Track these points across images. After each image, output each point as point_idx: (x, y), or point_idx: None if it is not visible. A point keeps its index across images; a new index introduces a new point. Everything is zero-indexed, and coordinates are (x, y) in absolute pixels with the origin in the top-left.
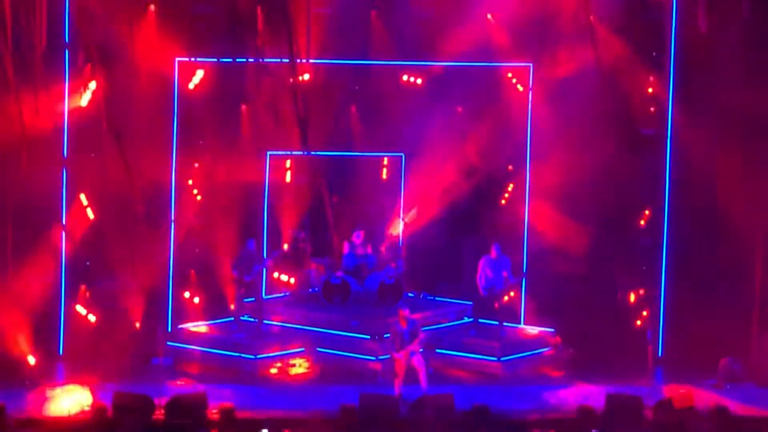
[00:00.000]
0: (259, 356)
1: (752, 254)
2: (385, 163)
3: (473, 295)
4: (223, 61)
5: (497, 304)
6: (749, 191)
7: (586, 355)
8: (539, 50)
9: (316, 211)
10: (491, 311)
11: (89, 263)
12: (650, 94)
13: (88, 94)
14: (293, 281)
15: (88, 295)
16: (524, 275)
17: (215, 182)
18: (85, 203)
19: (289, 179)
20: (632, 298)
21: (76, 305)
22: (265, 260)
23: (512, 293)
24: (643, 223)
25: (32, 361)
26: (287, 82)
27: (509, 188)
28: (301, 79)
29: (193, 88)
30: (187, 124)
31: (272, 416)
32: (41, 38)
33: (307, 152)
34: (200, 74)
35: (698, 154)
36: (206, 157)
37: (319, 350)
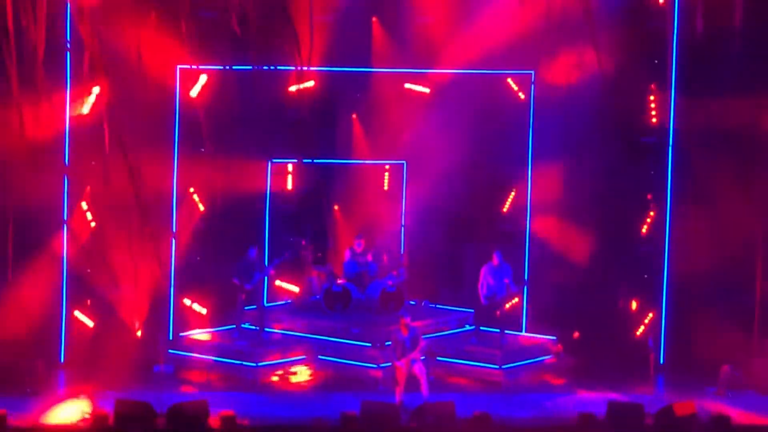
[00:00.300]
0: (260, 364)
1: (753, 262)
2: (387, 171)
3: (475, 303)
4: (225, 68)
5: (498, 312)
6: (750, 200)
7: (587, 363)
8: (541, 58)
9: (317, 218)
10: (492, 319)
11: (91, 271)
12: (651, 102)
13: (90, 101)
14: (295, 289)
15: (89, 302)
16: (525, 283)
17: (217, 189)
18: (86, 209)
19: (290, 186)
20: (633, 306)
21: (75, 311)
22: (266, 268)
23: (515, 301)
24: (644, 230)
25: (34, 369)
26: (288, 89)
27: (511, 196)
28: (304, 86)
29: (195, 95)
30: (188, 131)
31: (274, 424)
32: (43, 46)
33: (311, 160)
34: (203, 79)
35: (699, 161)
36: (208, 164)
37: (320, 358)
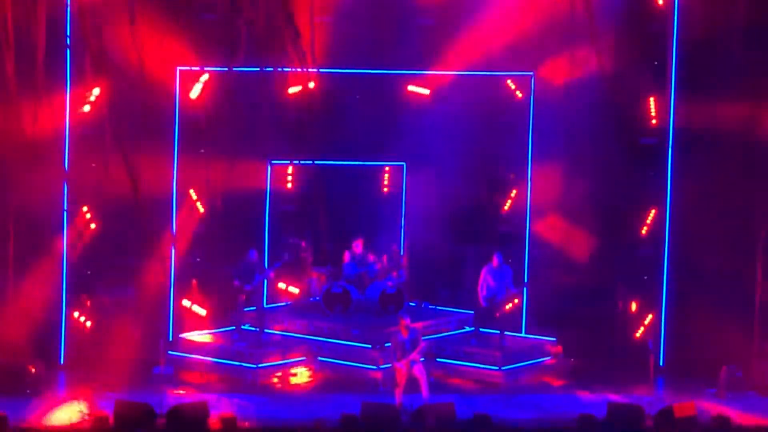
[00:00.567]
0: (260, 365)
1: (753, 264)
2: (386, 179)
3: (474, 304)
4: (225, 70)
5: (498, 313)
6: (750, 201)
7: (587, 364)
8: (541, 59)
9: (317, 220)
10: (492, 320)
11: (90, 272)
12: (651, 103)
13: (90, 101)
14: (294, 290)
15: (89, 304)
16: (525, 285)
17: (217, 191)
18: (86, 211)
19: (290, 188)
20: (633, 307)
21: (74, 312)
22: (266, 270)
23: (515, 302)
24: (644, 230)
25: (34, 370)
26: (288, 90)
27: (511, 197)
28: (304, 88)
29: (195, 96)
30: (188, 132)
31: (273, 425)
32: (43, 46)
33: (312, 161)
34: (204, 78)
35: (699, 163)
36: (208, 165)
37: (320, 359)
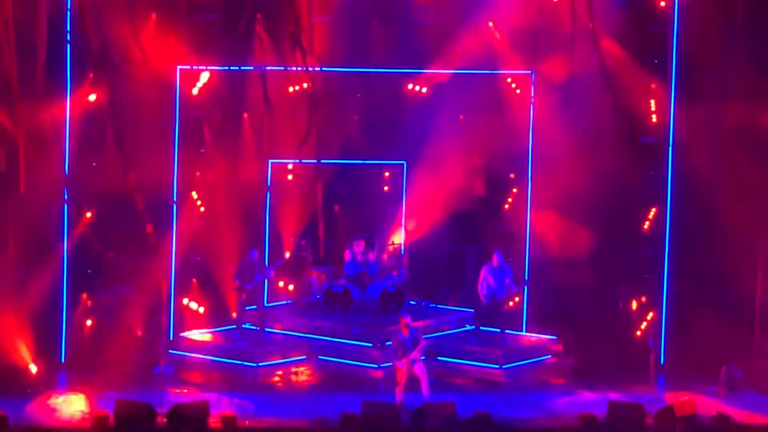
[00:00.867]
0: (260, 364)
1: (753, 263)
2: (386, 177)
3: (475, 303)
4: (224, 69)
5: (499, 312)
6: (750, 200)
7: (588, 362)
8: (541, 58)
9: (317, 219)
10: (493, 319)
11: (91, 271)
12: (652, 102)
13: (91, 99)
14: (295, 289)
15: (89, 303)
16: (526, 283)
17: (217, 190)
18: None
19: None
20: (634, 306)
21: (75, 311)
22: (267, 269)
23: (516, 300)
24: (644, 230)
25: (34, 369)
26: (288, 89)
27: (511, 195)
28: (300, 87)
29: (197, 93)
30: (189, 131)
31: (274, 424)
32: (44, 46)
33: (317, 160)
34: (206, 77)
35: (700, 162)
36: (208, 164)
37: (320, 358)
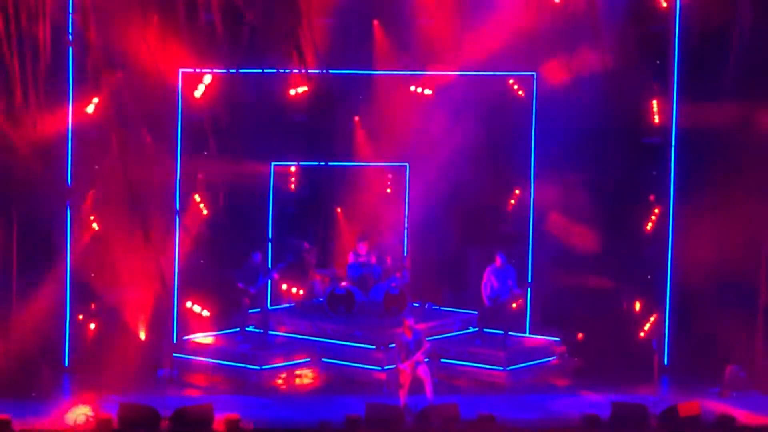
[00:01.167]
0: (264, 367)
1: (757, 262)
2: (389, 176)
3: (478, 304)
4: (227, 72)
5: (502, 313)
6: (753, 200)
7: (591, 364)
8: (543, 59)
9: (320, 221)
10: (496, 321)
11: (94, 275)
12: (654, 102)
13: (92, 105)
14: (297, 291)
15: (93, 307)
16: (529, 285)
17: (219, 192)
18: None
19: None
20: (637, 307)
21: (79, 315)
22: (270, 272)
23: (516, 304)
24: (648, 231)
25: (38, 373)
26: (290, 91)
27: (514, 197)
28: (297, 91)
29: (199, 96)
30: (191, 134)
31: (278, 427)
32: (46, 50)
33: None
34: (208, 80)
35: (702, 162)
36: (210, 167)
37: (324, 361)
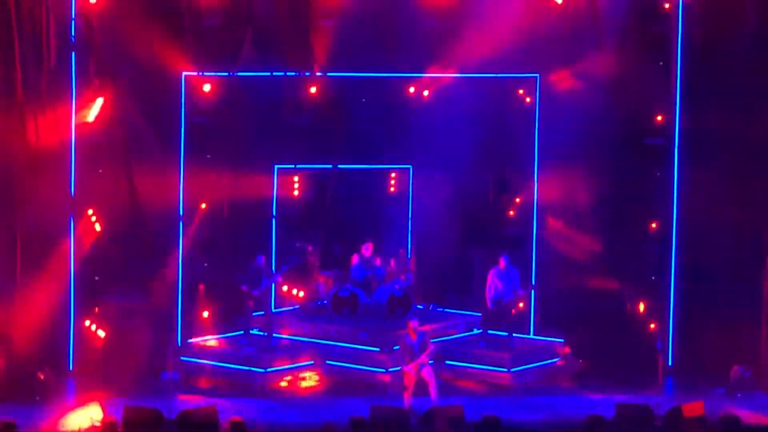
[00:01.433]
0: (268, 369)
1: (761, 263)
2: (393, 178)
3: (482, 306)
4: (230, 75)
5: (506, 315)
6: (757, 201)
7: (595, 365)
8: (546, 61)
9: (324, 223)
10: (500, 323)
11: (98, 278)
12: (657, 103)
13: (95, 109)
14: (302, 294)
15: (97, 310)
16: (533, 287)
17: (223, 196)
18: (93, 219)
19: (297, 192)
20: (641, 308)
21: (85, 321)
22: (274, 275)
23: (521, 304)
24: (651, 232)
25: (42, 377)
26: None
27: (517, 200)
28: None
29: (202, 99)
30: (194, 138)
31: (282, 430)
32: (49, 55)
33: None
34: (207, 88)
35: (705, 163)
36: (214, 171)
37: (328, 363)
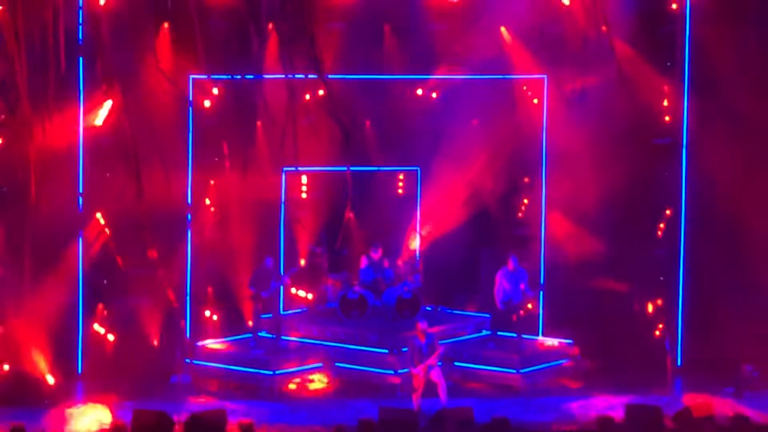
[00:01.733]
0: (277, 372)
1: None
2: (401, 180)
3: (491, 307)
4: (238, 78)
5: (515, 316)
6: (765, 199)
7: (604, 366)
8: (553, 62)
9: (332, 226)
10: (509, 324)
11: (107, 281)
12: (665, 103)
13: (103, 113)
14: (311, 297)
15: (105, 313)
16: (542, 287)
17: (231, 199)
18: (102, 222)
19: (305, 195)
20: (650, 308)
21: (94, 324)
22: (282, 277)
23: (530, 305)
24: (661, 226)
25: (51, 380)
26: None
27: (526, 199)
28: (310, 96)
29: (210, 103)
30: (202, 141)
31: None
32: (59, 59)
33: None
34: (215, 91)
35: (714, 162)
36: (222, 173)
37: (337, 365)
